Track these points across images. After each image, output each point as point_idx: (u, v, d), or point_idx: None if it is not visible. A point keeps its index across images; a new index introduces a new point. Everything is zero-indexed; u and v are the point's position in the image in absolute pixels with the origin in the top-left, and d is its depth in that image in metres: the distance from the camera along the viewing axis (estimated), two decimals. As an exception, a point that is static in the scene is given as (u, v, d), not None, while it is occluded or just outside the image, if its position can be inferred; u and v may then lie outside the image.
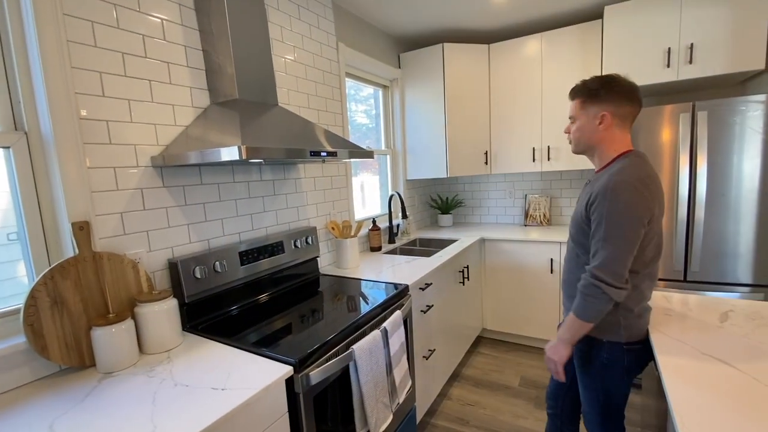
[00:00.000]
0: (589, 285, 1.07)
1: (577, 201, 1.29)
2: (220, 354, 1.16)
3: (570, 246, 1.27)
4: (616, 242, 1.04)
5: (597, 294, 1.06)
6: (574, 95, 1.21)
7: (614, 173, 1.08)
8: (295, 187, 1.95)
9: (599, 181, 1.13)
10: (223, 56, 1.43)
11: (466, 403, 2.19)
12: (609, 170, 1.14)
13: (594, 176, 1.25)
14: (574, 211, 1.24)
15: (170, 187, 1.38)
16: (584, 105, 1.18)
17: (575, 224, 1.20)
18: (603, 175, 1.15)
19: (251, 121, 1.31)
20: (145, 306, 1.19)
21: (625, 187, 1.04)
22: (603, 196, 1.06)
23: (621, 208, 1.03)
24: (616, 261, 1.04)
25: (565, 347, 1.17)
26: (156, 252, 1.34)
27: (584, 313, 1.09)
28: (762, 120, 1.84)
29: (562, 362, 1.19)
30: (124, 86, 1.24)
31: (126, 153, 1.25)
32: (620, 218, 1.03)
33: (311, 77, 2.03)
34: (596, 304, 1.07)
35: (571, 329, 1.14)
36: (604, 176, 1.12)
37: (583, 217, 1.15)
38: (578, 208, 1.20)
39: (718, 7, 2.00)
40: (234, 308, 1.53)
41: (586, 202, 1.13)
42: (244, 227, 1.67)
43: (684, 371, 0.93)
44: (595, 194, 1.10)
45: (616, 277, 1.04)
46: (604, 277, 1.04)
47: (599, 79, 1.17)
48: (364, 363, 1.25)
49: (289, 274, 1.80)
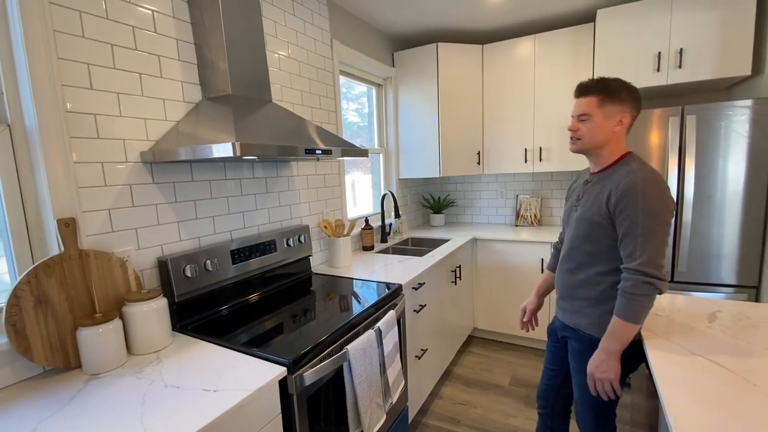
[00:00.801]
0: (640, 284, 1.04)
1: (577, 200, 1.28)
2: (211, 354, 1.14)
3: (571, 246, 1.26)
4: (657, 236, 1.04)
5: (649, 291, 1.04)
6: (589, 92, 1.18)
7: (635, 170, 1.09)
8: (288, 185, 1.92)
9: (612, 180, 1.14)
10: (215, 50, 1.40)
11: (457, 402, 2.20)
12: (619, 169, 1.15)
13: (594, 176, 1.25)
14: (581, 212, 1.23)
15: (160, 184, 1.35)
16: (603, 103, 1.16)
17: (587, 223, 1.19)
18: (612, 174, 1.16)
19: (245, 118, 1.29)
20: (134, 305, 1.16)
21: (654, 182, 1.06)
22: (632, 193, 1.06)
23: (655, 202, 1.04)
24: (659, 254, 1.04)
25: (617, 359, 1.10)
26: (145, 250, 1.31)
27: (636, 315, 1.06)
28: (747, 124, 1.88)
29: (618, 377, 1.11)
30: (113, 79, 1.20)
31: (114, 148, 1.21)
32: (657, 212, 1.04)
33: (305, 74, 2.00)
34: (647, 302, 1.05)
35: (622, 337, 1.09)
36: (617, 175, 1.13)
37: (602, 215, 1.14)
38: (592, 207, 1.18)
39: (707, 13, 2.04)
40: (225, 308, 1.50)
41: (606, 200, 1.12)
42: (236, 225, 1.64)
43: (676, 371, 0.94)
44: (619, 192, 1.09)
45: (662, 270, 1.04)
46: (655, 272, 1.03)
47: (617, 80, 1.18)
48: (358, 363, 1.23)
49: (281, 273, 1.78)
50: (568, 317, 1.31)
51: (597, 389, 1.14)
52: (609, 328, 1.11)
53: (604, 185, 1.17)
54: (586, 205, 1.22)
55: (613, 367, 1.10)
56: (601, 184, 1.20)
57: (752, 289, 1.95)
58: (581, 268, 1.24)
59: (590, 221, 1.18)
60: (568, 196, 1.40)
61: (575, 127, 1.22)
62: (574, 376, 1.31)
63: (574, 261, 1.26)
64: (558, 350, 1.44)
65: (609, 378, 1.11)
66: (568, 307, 1.30)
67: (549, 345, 1.49)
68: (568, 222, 1.33)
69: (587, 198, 1.23)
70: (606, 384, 1.12)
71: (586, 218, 1.20)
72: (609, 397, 1.13)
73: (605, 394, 1.13)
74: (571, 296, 1.29)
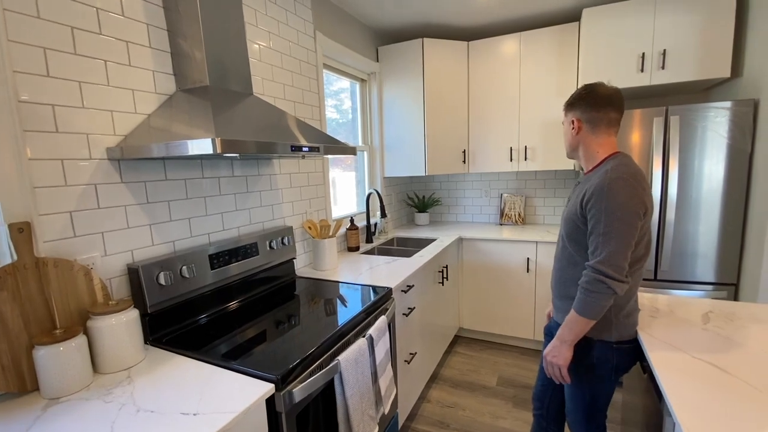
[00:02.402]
0: (593, 281, 1.06)
1: (567, 201, 1.30)
2: (189, 370, 1.04)
3: (562, 245, 1.27)
4: (617, 235, 1.04)
5: (602, 289, 1.05)
6: (564, 107, 1.30)
7: (607, 171, 1.10)
8: (270, 184, 1.82)
9: (591, 181, 1.15)
10: (191, 38, 1.29)
11: (445, 405, 2.16)
12: (600, 170, 1.17)
13: (584, 177, 1.26)
14: (566, 211, 1.24)
15: (130, 183, 1.22)
16: (565, 113, 1.28)
17: (569, 223, 1.20)
18: (594, 174, 1.18)
19: (225, 111, 1.18)
20: (100, 319, 1.05)
21: (620, 182, 1.06)
22: (599, 192, 1.08)
23: (618, 202, 1.04)
24: (617, 254, 1.04)
25: (568, 348, 1.15)
26: (113, 256, 1.18)
27: (588, 310, 1.08)
28: (727, 125, 1.92)
29: (566, 365, 1.17)
30: (74, 66, 1.07)
31: (76, 143, 1.09)
32: (618, 212, 1.05)
33: (287, 66, 1.90)
34: (600, 300, 1.06)
35: (574, 328, 1.12)
36: (596, 175, 1.15)
37: (578, 214, 1.15)
38: (571, 207, 1.20)
39: (689, 16, 2.06)
40: (204, 317, 1.39)
41: (581, 200, 1.14)
42: (215, 227, 1.53)
43: (681, 378, 0.92)
44: (590, 192, 1.11)
45: (618, 270, 1.04)
46: (608, 271, 1.04)
47: (579, 89, 1.25)
48: (350, 375, 1.16)
49: (263, 277, 1.68)
50: (561, 316, 1.28)
51: (548, 372, 1.21)
52: (566, 318, 1.15)
53: (584, 186, 1.19)
54: (569, 205, 1.25)
55: (563, 355, 1.16)
56: (583, 184, 1.22)
57: (731, 286, 2.00)
58: (569, 267, 1.24)
59: (571, 221, 1.20)
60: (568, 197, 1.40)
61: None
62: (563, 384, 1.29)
63: (564, 259, 1.26)
64: None
65: (558, 363, 1.17)
66: (561, 306, 1.29)
67: (545, 345, 1.46)
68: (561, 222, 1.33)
69: (572, 198, 1.26)
70: (555, 369, 1.19)
71: (568, 218, 1.22)
72: (558, 381, 1.20)
73: (557, 378, 1.20)
74: (563, 295, 1.27)
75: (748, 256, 1.90)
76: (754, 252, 1.85)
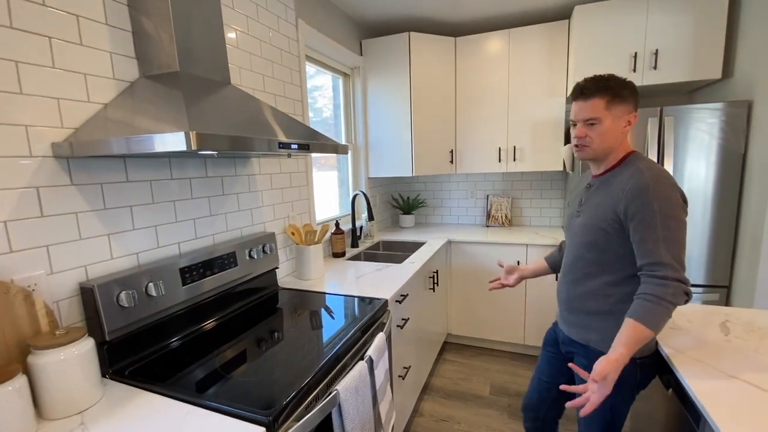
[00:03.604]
0: (681, 293, 0.94)
1: (579, 205, 1.19)
2: (159, 411, 0.86)
3: (576, 255, 1.17)
4: (677, 237, 0.97)
5: (682, 300, 0.95)
6: (593, 93, 1.06)
7: (641, 170, 1.02)
8: (249, 186, 1.64)
9: (617, 183, 1.07)
10: (157, 15, 1.10)
11: (439, 419, 2.05)
12: (625, 170, 1.08)
13: (597, 179, 1.17)
14: (585, 218, 1.14)
15: (82, 186, 1.02)
16: (610, 105, 1.05)
17: (594, 231, 1.10)
18: (617, 176, 1.09)
19: (199, 101, 1.01)
20: (45, 353, 0.85)
21: (666, 182, 0.99)
22: (645, 194, 0.98)
23: (670, 203, 0.97)
24: (682, 257, 0.97)
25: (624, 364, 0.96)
26: (61, 274, 0.98)
27: (659, 321, 0.94)
28: (718, 126, 1.91)
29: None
30: (10, 42, 0.87)
31: (13, 137, 0.88)
32: (673, 212, 0.97)
33: (267, 55, 1.72)
34: (671, 309, 0.95)
35: (638, 343, 0.95)
36: (624, 176, 1.06)
37: (609, 220, 1.05)
38: (597, 213, 1.09)
39: (682, 16, 2.04)
40: (175, 341, 1.20)
41: (613, 206, 1.04)
42: (186, 236, 1.34)
43: (717, 395, 0.84)
44: (630, 194, 1.00)
45: (685, 273, 0.97)
46: (681, 276, 0.95)
47: (614, 77, 1.09)
48: (350, 406, 1.02)
49: (243, 290, 1.50)
50: (576, 332, 1.19)
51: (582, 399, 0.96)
52: (625, 337, 0.96)
53: (609, 189, 1.09)
54: (589, 211, 1.14)
55: (619, 371, 0.95)
56: (605, 188, 1.12)
57: (723, 289, 2.00)
58: (587, 279, 1.15)
59: (595, 228, 1.10)
60: (570, 202, 1.31)
61: (583, 133, 1.10)
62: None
63: (579, 271, 1.17)
64: (557, 362, 1.33)
65: (605, 394, 0.95)
66: (575, 320, 1.19)
67: (545, 355, 1.37)
68: (569, 229, 1.24)
69: (590, 203, 1.15)
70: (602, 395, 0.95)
71: (590, 225, 1.11)
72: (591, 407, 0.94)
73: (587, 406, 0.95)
74: (577, 309, 1.18)
75: (741, 258, 1.90)
76: (748, 254, 1.84)
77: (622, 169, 1.09)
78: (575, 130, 1.13)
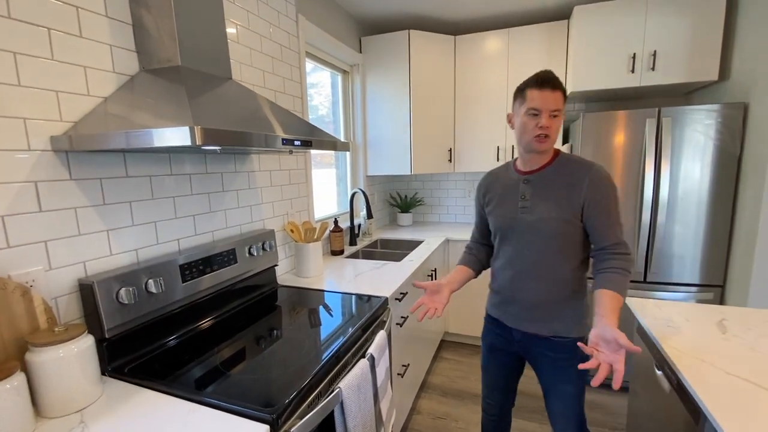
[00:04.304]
0: (630, 261, 1.08)
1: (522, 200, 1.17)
2: (160, 409, 0.85)
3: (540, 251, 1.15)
4: (620, 218, 1.12)
5: (632, 265, 1.09)
6: (559, 86, 1.08)
7: (588, 163, 1.13)
8: (248, 183, 1.62)
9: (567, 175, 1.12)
10: (158, 8, 1.08)
11: (436, 416, 2.05)
12: (569, 163, 1.14)
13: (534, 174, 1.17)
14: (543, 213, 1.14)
15: (81, 180, 1.01)
16: (564, 101, 1.11)
17: (555, 223, 1.13)
18: (563, 168, 1.14)
19: (201, 96, 1.00)
20: (43, 350, 0.84)
21: (608, 173, 1.12)
22: (605, 183, 1.10)
23: (617, 191, 1.11)
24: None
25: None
26: (60, 270, 0.97)
27: (627, 289, 1.06)
28: (714, 127, 1.93)
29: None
30: (7, 32, 0.85)
31: (10, 129, 0.87)
32: (617, 198, 1.12)
33: (267, 51, 1.71)
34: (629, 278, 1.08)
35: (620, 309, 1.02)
36: (574, 168, 1.13)
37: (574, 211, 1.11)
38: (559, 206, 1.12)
39: (680, 18, 2.06)
40: (174, 338, 1.19)
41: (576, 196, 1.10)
42: (185, 232, 1.33)
43: (720, 397, 0.85)
44: (588, 187, 1.09)
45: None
46: (630, 251, 1.10)
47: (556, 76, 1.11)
48: (352, 403, 1.01)
49: (243, 287, 1.49)
50: (539, 327, 1.19)
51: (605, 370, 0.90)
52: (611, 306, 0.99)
53: (564, 182, 1.13)
54: (545, 205, 1.14)
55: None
56: (554, 181, 1.14)
57: (718, 288, 2.02)
58: (554, 271, 1.16)
59: (560, 220, 1.12)
60: (499, 200, 1.24)
61: (549, 123, 1.09)
62: (555, 387, 1.21)
63: (544, 265, 1.16)
64: (510, 361, 1.33)
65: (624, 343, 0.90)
66: (538, 316, 1.19)
67: (497, 360, 1.35)
68: (517, 227, 1.19)
69: (541, 198, 1.15)
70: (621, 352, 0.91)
71: (554, 218, 1.13)
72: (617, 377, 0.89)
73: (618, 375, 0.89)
74: (542, 303, 1.18)
75: (735, 258, 1.92)
76: (742, 254, 1.86)
77: (563, 162, 1.15)
78: (537, 119, 1.08)
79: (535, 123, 1.09)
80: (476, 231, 1.43)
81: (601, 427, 1.93)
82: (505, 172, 1.28)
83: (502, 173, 1.29)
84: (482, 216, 1.36)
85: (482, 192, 1.33)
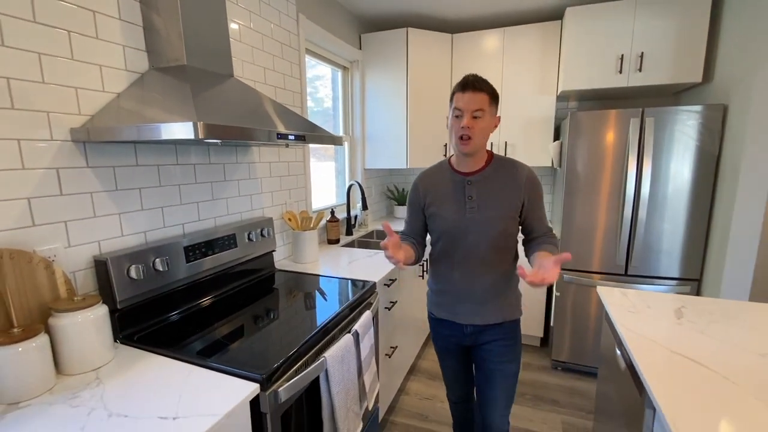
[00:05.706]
0: (557, 243, 1.27)
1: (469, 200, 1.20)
2: (165, 370, 0.98)
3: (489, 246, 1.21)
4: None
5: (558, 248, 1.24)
6: (482, 88, 1.12)
7: (524, 164, 1.25)
8: (249, 173, 1.74)
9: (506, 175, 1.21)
10: (167, 11, 1.19)
11: (423, 397, 2.18)
12: (505, 164, 1.23)
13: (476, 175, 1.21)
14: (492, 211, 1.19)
15: (96, 168, 1.12)
16: (491, 103, 1.15)
17: (503, 222, 1.20)
18: (501, 168, 1.22)
19: (204, 93, 1.10)
20: (64, 316, 0.96)
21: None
22: (535, 183, 1.23)
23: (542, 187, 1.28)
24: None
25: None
26: (78, 247, 1.09)
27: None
28: (695, 128, 2.00)
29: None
30: (33, 35, 0.96)
31: (36, 122, 0.98)
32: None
33: (268, 49, 1.81)
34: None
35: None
36: (510, 168, 1.22)
37: (515, 208, 1.21)
38: (503, 204, 1.20)
39: (666, 21, 2.13)
40: (178, 313, 1.32)
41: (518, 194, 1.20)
42: (190, 217, 1.44)
43: (660, 369, 0.95)
44: (527, 185, 1.21)
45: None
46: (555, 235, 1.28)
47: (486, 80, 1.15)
48: (335, 372, 1.13)
49: (242, 270, 1.61)
50: (492, 317, 1.27)
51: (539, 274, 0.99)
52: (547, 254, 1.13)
53: (503, 181, 1.21)
54: (491, 203, 1.20)
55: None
56: (494, 181, 1.21)
57: (695, 282, 2.11)
58: (499, 264, 1.25)
59: (506, 217, 1.21)
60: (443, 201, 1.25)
61: (471, 123, 1.12)
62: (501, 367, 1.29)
63: (491, 260, 1.23)
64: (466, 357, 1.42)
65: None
66: (490, 308, 1.27)
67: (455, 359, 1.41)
68: (460, 225, 1.22)
69: (485, 197, 1.20)
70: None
71: (500, 216, 1.20)
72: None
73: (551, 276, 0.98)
74: (493, 296, 1.26)
75: (711, 253, 2.01)
76: (717, 250, 1.95)
77: (501, 164, 1.23)
78: (460, 120, 1.13)
79: (459, 124, 1.14)
80: (408, 229, 1.37)
81: (579, 410, 2.04)
82: (442, 173, 1.27)
83: (439, 174, 1.28)
84: (419, 216, 1.33)
85: (421, 193, 1.30)
